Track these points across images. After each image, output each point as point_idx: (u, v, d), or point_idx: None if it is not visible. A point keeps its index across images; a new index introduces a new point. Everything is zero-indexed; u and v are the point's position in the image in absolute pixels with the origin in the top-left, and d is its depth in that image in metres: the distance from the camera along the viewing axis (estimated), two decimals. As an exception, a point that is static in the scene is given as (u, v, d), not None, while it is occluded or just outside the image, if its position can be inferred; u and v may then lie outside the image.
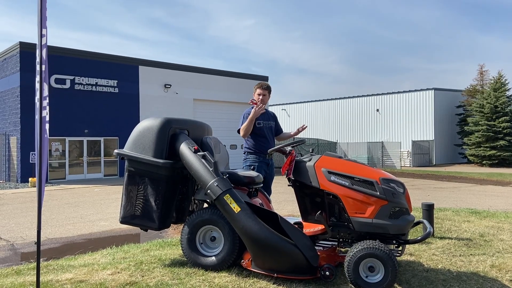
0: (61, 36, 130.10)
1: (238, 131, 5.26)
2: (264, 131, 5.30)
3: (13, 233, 8.25)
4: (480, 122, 31.07)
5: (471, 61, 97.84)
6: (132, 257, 5.08)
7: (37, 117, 3.39)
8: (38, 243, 3.42)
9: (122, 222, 4.48)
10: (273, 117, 5.59)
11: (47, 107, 3.42)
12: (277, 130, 5.62)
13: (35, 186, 16.82)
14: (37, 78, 3.38)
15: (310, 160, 4.09)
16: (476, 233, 5.98)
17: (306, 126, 5.44)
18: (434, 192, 14.92)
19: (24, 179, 19.23)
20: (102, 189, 16.68)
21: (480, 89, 34.86)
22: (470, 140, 31.55)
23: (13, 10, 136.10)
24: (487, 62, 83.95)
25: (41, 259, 4.08)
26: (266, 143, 5.23)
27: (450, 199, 12.52)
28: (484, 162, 30.81)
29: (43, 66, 3.33)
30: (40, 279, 3.59)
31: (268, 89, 5.44)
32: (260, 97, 5.35)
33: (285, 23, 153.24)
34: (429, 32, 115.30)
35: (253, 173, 4.61)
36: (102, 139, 22.12)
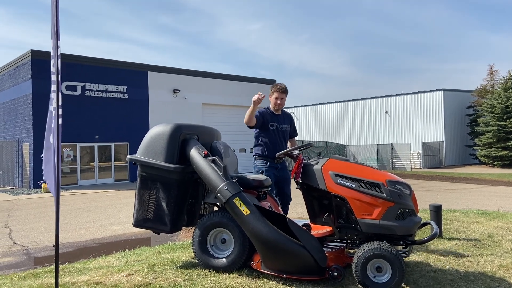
0: (71, 43, 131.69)
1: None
2: (275, 135, 5.09)
3: (27, 238, 8.42)
4: (491, 123, 30.81)
5: (481, 61, 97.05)
6: (145, 259, 5.19)
7: (53, 125, 3.52)
8: (56, 245, 3.54)
9: (135, 225, 4.60)
10: (289, 119, 5.36)
11: (55, 116, 3.54)
12: (291, 133, 5.41)
13: (47, 192, 17.07)
14: (53, 88, 3.52)
15: (317, 163, 4.17)
16: (484, 234, 5.99)
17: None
18: (444, 193, 14.86)
19: (36, 185, 19.51)
20: (113, 194, 16.88)
21: (490, 89, 34.59)
22: (481, 140, 31.29)
23: (24, 18, 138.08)
24: (497, 62, 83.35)
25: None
26: (275, 148, 5.01)
27: (461, 201, 12.48)
28: (495, 163, 30.53)
29: (59, 76, 3.47)
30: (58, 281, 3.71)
31: (286, 91, 5.18)
32: (278, 101, 5.12)
33: (292, 26, 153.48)
34: (438, 33, 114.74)
35: (262, 177, 4.69)
36: (112, 144, 22.37)
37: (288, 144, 5.41)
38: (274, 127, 5.11)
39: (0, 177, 23.87)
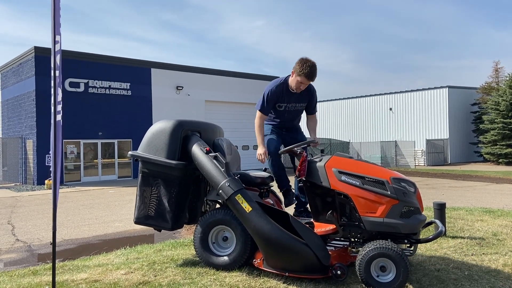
0: (75, 40, 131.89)
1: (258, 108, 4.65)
2: (283, 114, 4.71)
3: (30, 234, 8.41)
4: (495, 120, 30.60)
5: (486, 58, 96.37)
6: (145, 257, 5.16)
7: (52, 121, 3.48)
8: (53, 243, 3.50)
9: (136, 222, 4.56)
10: (308, 95, 4.73)
11: (61, 112, 3.50)
12: (311, 110, 4.88)
13: (51, 188, 17.10)
14: (51, 83, 3.47)
15: (320, 160, 4.11)
16: (489, 232, 5.92)
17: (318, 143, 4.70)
18: (448, 191, 14.77)
19: (40, 182, 19.54)
20: (116, 191, 16.88)
21: (496, 86, 34.37)
22: (486, 138, 31.11)
23: (28, 15, 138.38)
24: (502, 58, 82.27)
25: (57, 260, 4.17)
26: (281, 123, 4.77)
27: (465, 198, 12.39)
28: (500, 160, 30.34)
29: (57, 72, 3.42)
30: (56, 279, 3.68)
31: (313, 79, 4.50)
32: (301, 86, 4.50)
33: (295, 23, 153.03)
34: (443, 29, 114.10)
35: (265, 174, 4.64)
36: (116, 141, 22.38)
37: (306, 121, 5.01)
38: (282, 108, 4.65)
39: (4, 173, 23.93)
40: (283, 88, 4.56)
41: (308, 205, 4.53)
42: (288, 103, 4.63)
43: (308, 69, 4.37)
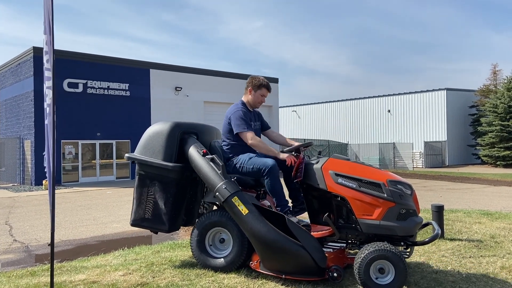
0: (74, 41, 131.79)
1: (237, 134, 4.39)
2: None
3: (28, 235, 8.40)
4: (493, 122, 30.69)
5: (484, 61, 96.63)
6: (144, 258, 5.15)
7: (46, 121, 3.48)
8: (51, 244, 3.50)
9: (132, 224, 4.56)
10: (258, 116, 4.82)
11: (54, 113, 3.50)
12: (264, 126, 4.84)
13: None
14: (47, 84, 3.47)
15: (317, 162, 4.12)
16: (487, 234, 5.94)
17: (312, 143, 4.67)
18: (446, 193, 14.79)
19: (38, 182, 19.50)
20: (114, 192, 16.86)
21: (494, 89, 34.47)
22: (484, 140, 31.19)
23: (27, 15, 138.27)
24: (500, 61, 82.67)
25: (55, 261, 4.17)
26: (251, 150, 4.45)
27: (463, 201, 12.41)
28: (498, 162, 30.43)
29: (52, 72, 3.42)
30: (54, 280, 3.68)
31: (270, 91, 4.75)
32: (263, 100, 4.67)
33: (294, 25, 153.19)
34: (441, 31, 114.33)
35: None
36: (114, 142, 22.35)
37: (272, 137, 4.88)
38: (252, 127, 4.53)
39: (2, 174, 23.89)
40: (247, 108, 4.57)
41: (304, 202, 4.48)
42: (255, 122, 4.63)
43: (265, 81, 4.68)
